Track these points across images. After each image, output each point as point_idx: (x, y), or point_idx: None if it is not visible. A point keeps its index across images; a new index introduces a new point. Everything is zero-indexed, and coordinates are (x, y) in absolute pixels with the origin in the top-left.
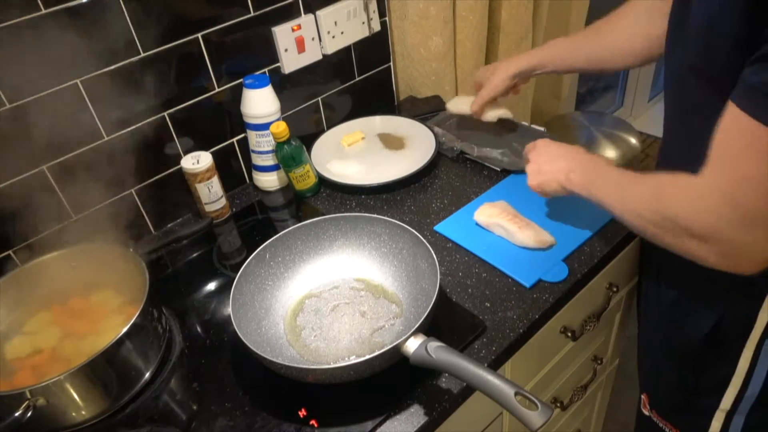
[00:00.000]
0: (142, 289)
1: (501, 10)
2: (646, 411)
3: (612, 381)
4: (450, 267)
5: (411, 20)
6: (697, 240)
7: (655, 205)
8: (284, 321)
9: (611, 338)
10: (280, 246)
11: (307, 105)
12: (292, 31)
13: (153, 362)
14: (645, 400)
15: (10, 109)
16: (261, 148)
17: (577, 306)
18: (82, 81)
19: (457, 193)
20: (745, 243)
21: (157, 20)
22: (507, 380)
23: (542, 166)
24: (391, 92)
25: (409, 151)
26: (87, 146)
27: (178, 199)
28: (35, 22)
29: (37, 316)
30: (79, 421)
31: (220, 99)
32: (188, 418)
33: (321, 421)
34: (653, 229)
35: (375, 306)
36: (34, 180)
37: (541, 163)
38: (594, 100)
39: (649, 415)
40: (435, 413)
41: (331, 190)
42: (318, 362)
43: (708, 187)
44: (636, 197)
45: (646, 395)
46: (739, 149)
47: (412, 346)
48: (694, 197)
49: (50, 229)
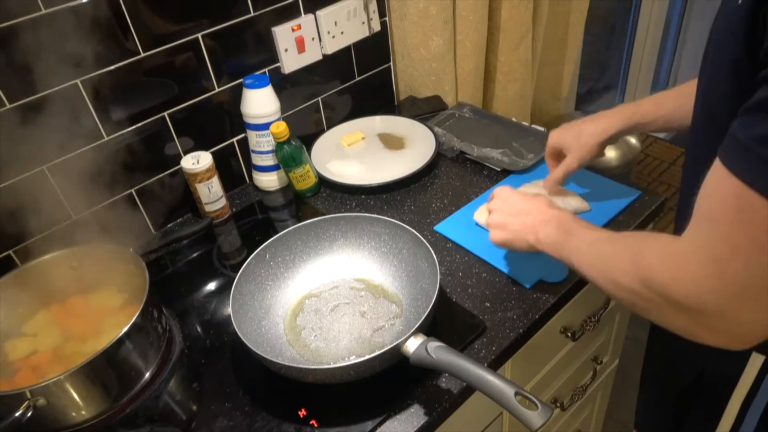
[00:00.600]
0: (142, 289)
1: (501, 10)
2: None
3: (612, 381)
4: (450, 267)
5: (411, 20)
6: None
7: (635, 270)
8: (284, 321)
9: (611, 338)
10: (280, 246)
11: (307, 105)
12: (292, 31)
13: (153, 362)
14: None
15: (10, 109)
16: (261, 148)
17: (577, 306)
18: (82, 81)
19: (457, 193)
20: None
21: (157, 20)
22: (507, 380)
23: (507, 220)
24: (391, 92)
25: (409, 151)
26: (87, 146)
27: (178, 199)
28: (35, 21)
29: (37, 316)
30: (79, 421)
31: (220, 99)
32: (188, 418)
33: (321, 421)
34: (631, 298)
35: (375, 306)
36: (34, 180)
37: (505, 216)
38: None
39: None
40: (435, 413)
41: (331, 190)
42: (318, 362)
43: (691, 253)
44: (611, 261)
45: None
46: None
47: (412, 346)
48: (680, 264)
49: (50, 229)
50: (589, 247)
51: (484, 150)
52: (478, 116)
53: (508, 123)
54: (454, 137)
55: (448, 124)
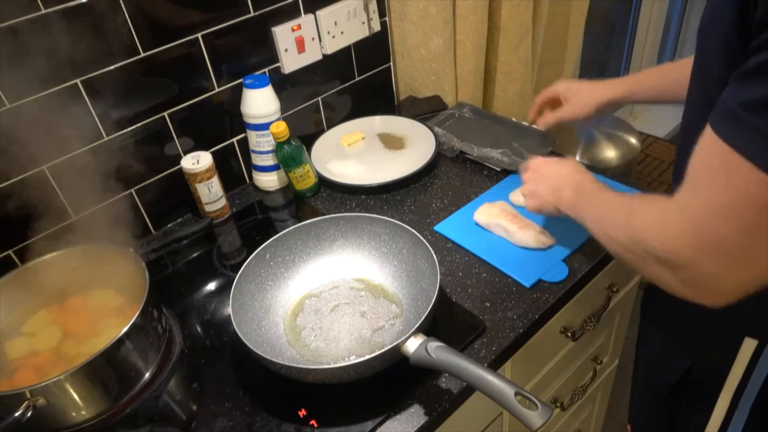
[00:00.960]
0: (142, 289)
1: (501, 10)
2: None
3: (612, 381)
4: (450, 267)
5: (411, 20)
6: (663, 266)
7: (627, 228)
8: (284, 321)
9: (611, 338)
10: (280, 246)
11: (307, 105)
12: (292, 31)
13: (153, 362)
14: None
15: (10, 109)
16: (261, 148)
17: (577, 306)
18: (82, 81)
19: (457, 193)
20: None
21: (157, 20)
22: (507, 380)
23: (536, 188)
24: (391, 92)
25: (409, 151)
26: (87, 146)
27: (178, 199)
28: (35, 21)
29: (37, 316)
30: (79, 421)
31: (220, 99)
32: (188, 418)
33: (321, 421)
34: (624, 253)
35: (375, 306)
36: (34, 180)
37: (536, 185)
38: None
39: None
40: (435, 413)
41: (331, 190)
42: (318, 362)
43: (678, 212)
44: (612, 219)
45: (630, 427)
46: (712, 176)
47: (412, 346)
48: (664, 221)
49: (50, 229)
50: (597, 207)
51: (484, 150)
52: (478, 116)
53: (509, 123)
54: (454, 137)
55: (448, 124)
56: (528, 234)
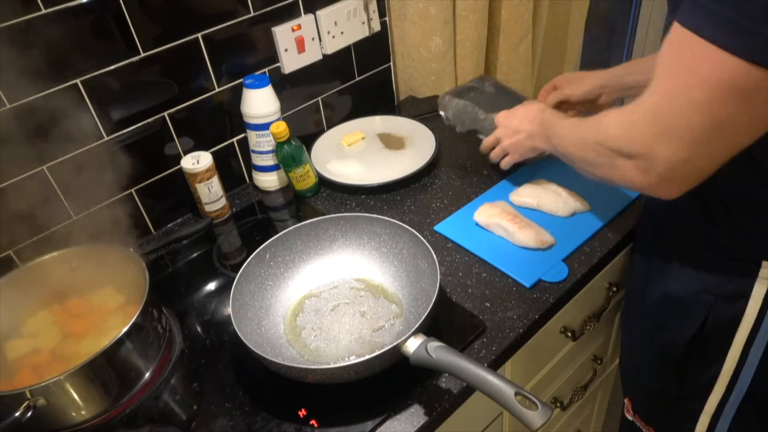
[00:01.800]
0: (142, 289)
1: (501, 10)
2: (629, 416)
3: (612, 381)
4: (450, 267)
5: (411, 20)
6: (624, 158)
7: (594, 133)
8: (284, 321)
9: (611, 338)
10: (280, 246)
11: (307, 105)
12: (292, 31)
13: (153, 362)
14: (628, 404)
15: (10, 109)
16: (261, 148)
17: (577, 306)
18: (82, 81)
19: (457, 193)
20: (662, 157)
21: (157, 20)
22: (507, 380)
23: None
24: (391, 92)
25: (409, 151)
26: (87, 146)
27: (178, 199)
28: (35, 21)
29: (37, 316)
30: (79, 421)
31: (220, 99)
32: (188, 418)
33: (321, 421)
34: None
35: (375, 306)
36: (34, 180)
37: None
38: None
39: (633, 420)
40: (435, 413)
41: (331, 190)
42: (318, 362)
43: (640, 102)
44: (582, 132)
45: (628, 400)
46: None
47: (412, 346)
48: (628, 112)
49: (50, 229)
50: (568, 128)
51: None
52: (500, 92)
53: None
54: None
55: (471, 95)
56: (528, 234)
